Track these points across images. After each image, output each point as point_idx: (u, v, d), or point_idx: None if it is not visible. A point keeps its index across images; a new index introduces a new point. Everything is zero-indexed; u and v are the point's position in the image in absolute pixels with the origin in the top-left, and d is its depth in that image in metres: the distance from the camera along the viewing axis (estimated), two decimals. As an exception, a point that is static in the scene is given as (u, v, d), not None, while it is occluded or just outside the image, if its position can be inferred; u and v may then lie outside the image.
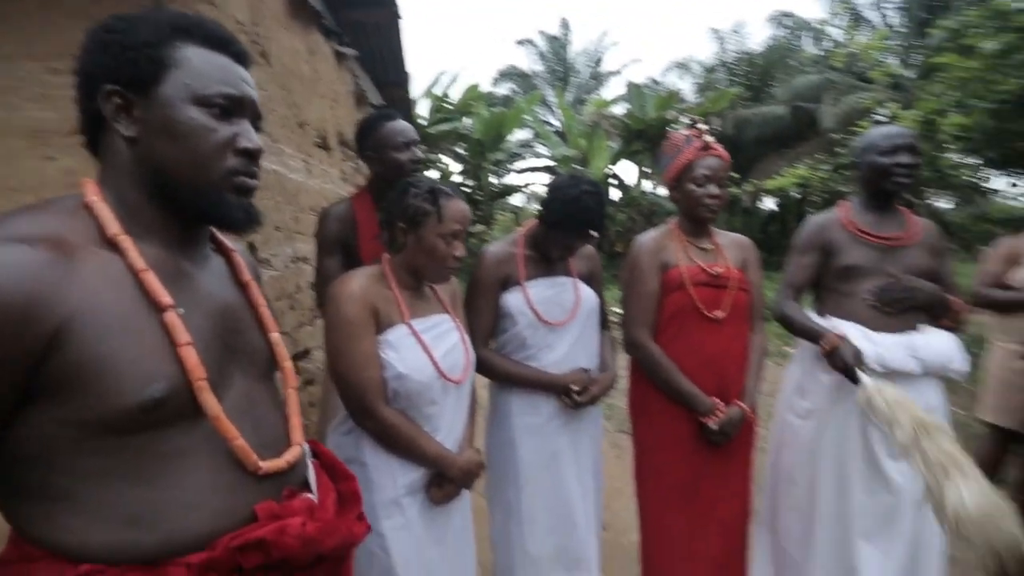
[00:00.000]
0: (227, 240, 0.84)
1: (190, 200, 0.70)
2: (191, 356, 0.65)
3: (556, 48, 23.24)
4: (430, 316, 1.29)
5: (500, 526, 1.67)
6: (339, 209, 1.70)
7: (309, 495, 0.77)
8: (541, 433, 1.62)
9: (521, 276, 1.62)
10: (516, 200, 18.35)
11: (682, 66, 19.39)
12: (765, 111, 15.67)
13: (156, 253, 0.68)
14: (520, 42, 23.33)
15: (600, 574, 1.72)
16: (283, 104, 2.17)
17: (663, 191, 16.66)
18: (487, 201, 14.70)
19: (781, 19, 16.76)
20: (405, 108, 4.95)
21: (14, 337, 0.56)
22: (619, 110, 15.36)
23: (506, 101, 22.06)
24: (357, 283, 1.21)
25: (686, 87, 19.32)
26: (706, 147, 1.69)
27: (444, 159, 14.73)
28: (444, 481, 1.27)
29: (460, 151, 14.50)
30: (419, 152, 1.64)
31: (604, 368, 1.73)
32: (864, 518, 1.71)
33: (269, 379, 0.81)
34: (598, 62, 23.16)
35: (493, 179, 15.50)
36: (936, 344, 1.66)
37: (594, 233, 1.56)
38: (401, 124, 1.64)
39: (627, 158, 15.15)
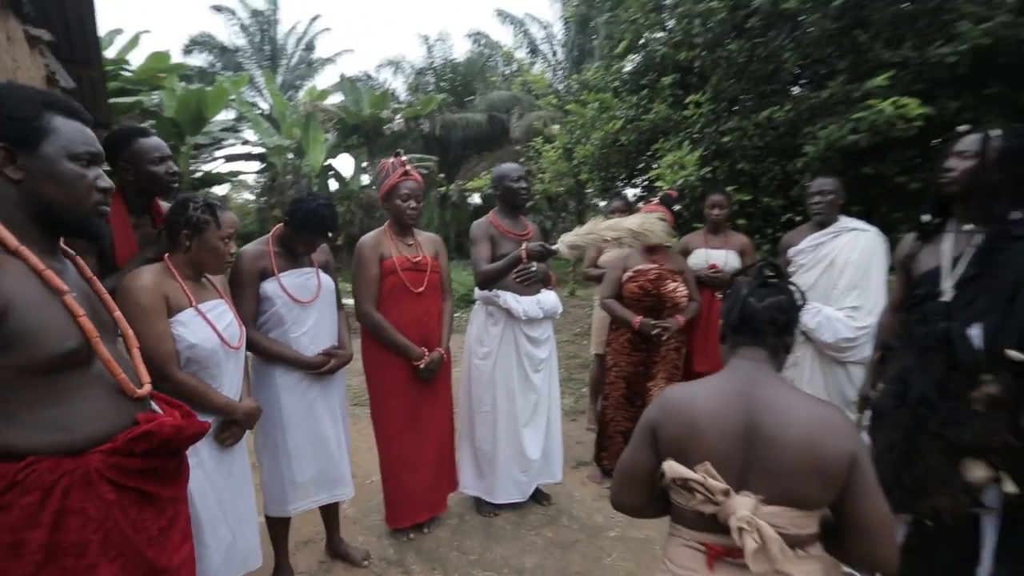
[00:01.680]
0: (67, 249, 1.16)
1: (72, 223, 1.05)
2: (87, 323, 1.03)
3: (262, 24, 21.56)
4: (210, 301, 1.69)
5: (270, 465, 2.12)
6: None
7: (162, 413, 1.19)
8: (298, 388, 2.12)
9: (274, 269, 2.08)
10: (221, 189, 16.57)
11: (395, 64, 20.36)
12: (468, 117, 17.75)
13: (42, 257, 1.02)
14: (217, 8, 20.82)
15: (353, 490, 2.33)
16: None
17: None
18: (188, 190, 13.06)
19: (477, 37, 19.04)
20: (96, 92, 4.36)
21: None
22: (334, 101, 15.42)
23: (202, 75, 19.56)
24: (148, 277, 1.53)
25: (398, 85, 20.41)
26: (406, 173, 2.42)
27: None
28: (231, 425, 1.69)
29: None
30: (175, 165, 1.91)
31: (342, 343, 2.28)
32: (524, 413, 2.74)
33: (115, 343, 1.18)
34: (309, 47, 22.40)
35: (193, 165, 13.80)
36: (550, 300, 2.77)
37: (330, 234, 2.13)
38: (156, 140, 1.87)
39: (344, 151, 15.37)
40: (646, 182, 5.37)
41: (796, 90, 3.92)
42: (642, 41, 4.96)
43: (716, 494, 1.12)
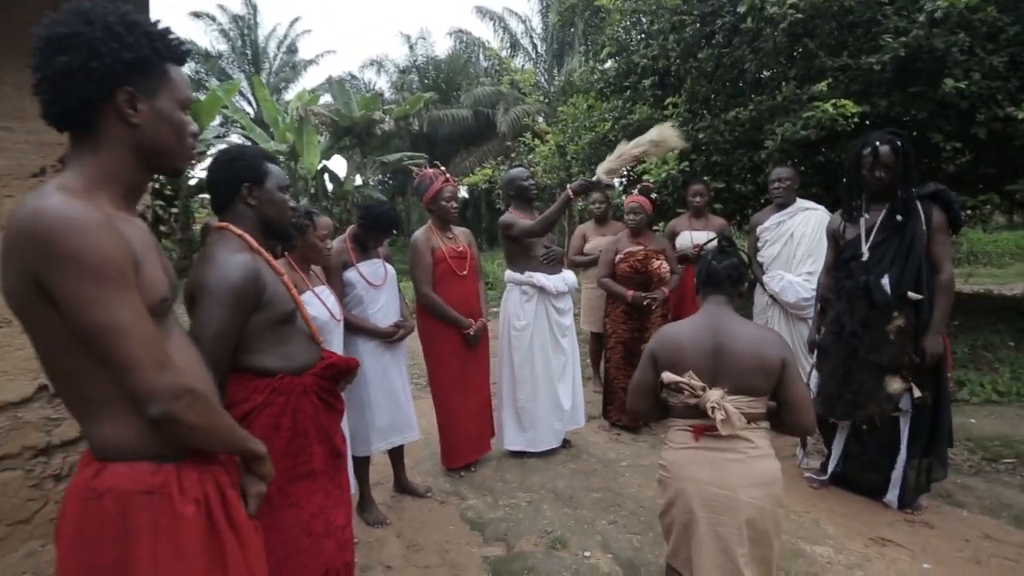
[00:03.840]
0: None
1: (279, 232, 1.62)
2: (296, 294, 1.60)
3: (242, 28, 21.74)
4: (319, 286, 2.26)
5: (356, 414, 2.69)
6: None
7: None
8: (376, 353, 2.70)
9: (353, 260, 2.66)
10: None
11: (378, 64, 20.69)
12: (454, 113, 18.16)
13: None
14: (196, 14, 20.93)
15: (419, 433, 2.93)
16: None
17: (372, 183, 17.85)
18: (184, 198, 13.38)
19: (459, 34, 19.42)
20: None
21: (258, 291, 1.45)
22: (322, 103, 15.80)
23: (189, 83, 19.74)
24: (282, 268, 2.10)
25: (382, 84, 20.76)
26: (447, 180, 3.00)
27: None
28: None
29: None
30: None
31: (405, 317, 2.87)
32: (557, 370, 3.34)
33: None
34: (291, 49, 22.64)
35: (190, 173, 14.11)
36: (570, 276, 3.38)
37: (395, 232, 2.71)
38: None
39: (337, 153, 15.79)
40: (632, 175, 5.96)
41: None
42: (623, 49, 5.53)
43: (697, 390, 1.73)
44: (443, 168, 3.04)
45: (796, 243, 3.45)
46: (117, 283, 0.86)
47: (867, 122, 3.74)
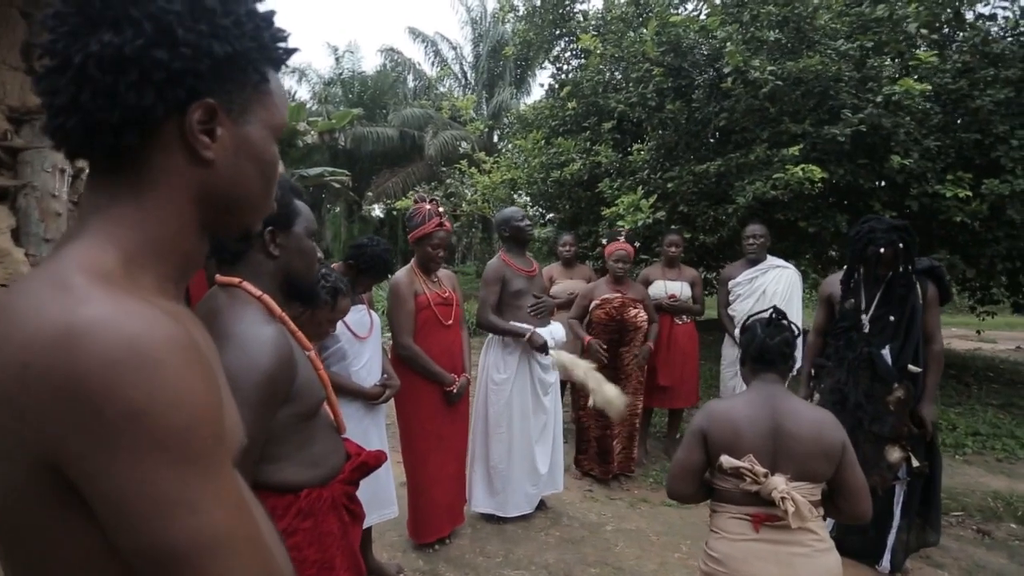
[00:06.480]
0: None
1: (304, 290, 1.26)
2: (324, 375, 1.25)
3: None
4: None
5: (330, 490, 2.28)
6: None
7: (352, 446, 1.42)
8: (355, 417, 2.31)
9: (336, 308, 2.27)
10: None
11: (300, 72, 19.65)
12: (379, 131, 17.59)
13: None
14: None
15: (397, 510, 2.56)
16: None
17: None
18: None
19: (389, 53, 19.01)
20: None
21: (290, 379, 1.09)
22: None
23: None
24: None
25: (303, 93, 19.74)
26: (440, 224, 2.68)
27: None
28: None
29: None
30: None
31: (388, 372, 2.52)
32: (535, 430, 3.09)
33: None
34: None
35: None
36: (559, 330, 3.16)
37: (389, 276, 2.37)
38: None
39: (253, 162, 14.63)
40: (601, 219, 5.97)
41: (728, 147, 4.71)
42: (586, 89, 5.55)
43: (759, 476, 1.59)
44: (442, 209, 2.72)
45: (768, 299, 3.52)
46: (211, 456, 0.49)
47: (836, 184, 3.98)
